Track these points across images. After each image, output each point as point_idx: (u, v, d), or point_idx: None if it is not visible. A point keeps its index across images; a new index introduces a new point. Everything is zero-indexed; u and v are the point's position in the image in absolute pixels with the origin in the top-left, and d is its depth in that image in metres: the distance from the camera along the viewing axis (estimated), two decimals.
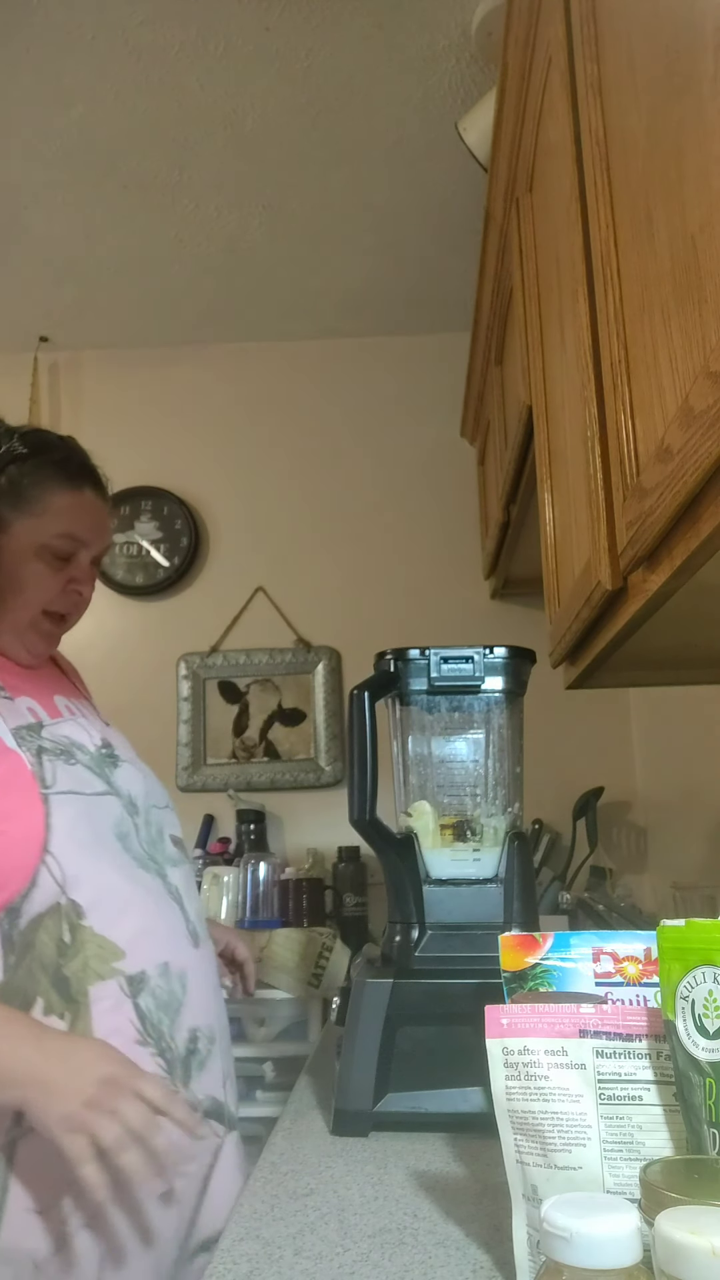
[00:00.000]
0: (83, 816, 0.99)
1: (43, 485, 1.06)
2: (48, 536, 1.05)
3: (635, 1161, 0.56)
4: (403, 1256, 0.66)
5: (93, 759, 1.05)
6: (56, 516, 1.05)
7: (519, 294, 1.52)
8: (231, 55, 1.78)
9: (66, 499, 1.07)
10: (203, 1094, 1.01)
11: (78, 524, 1.07)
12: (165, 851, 1.09)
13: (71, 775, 1.01)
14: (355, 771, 1.03)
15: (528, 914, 1.04)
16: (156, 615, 2.65)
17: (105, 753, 1.07)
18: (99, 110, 1.90)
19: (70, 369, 2.79)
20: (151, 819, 1.10)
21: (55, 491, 1.06)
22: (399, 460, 2.68)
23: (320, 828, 2.48)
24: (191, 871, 1.15)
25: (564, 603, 1.22)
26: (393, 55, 1.78)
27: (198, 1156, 0.97)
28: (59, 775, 0.99)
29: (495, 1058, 0.59)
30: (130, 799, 1.06)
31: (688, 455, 0.65)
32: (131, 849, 1.03)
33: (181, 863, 1.12)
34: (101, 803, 1.02)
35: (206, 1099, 1.02)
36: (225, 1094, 1.05)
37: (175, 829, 1.16)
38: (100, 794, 1.03)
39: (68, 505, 1.06)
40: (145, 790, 1.11)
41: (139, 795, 1.08)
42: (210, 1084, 1.03)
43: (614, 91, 0.87)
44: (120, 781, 1.06)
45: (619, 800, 2.41)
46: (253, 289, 2.53)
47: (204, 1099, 1.01)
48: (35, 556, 1.05)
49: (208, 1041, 1.04)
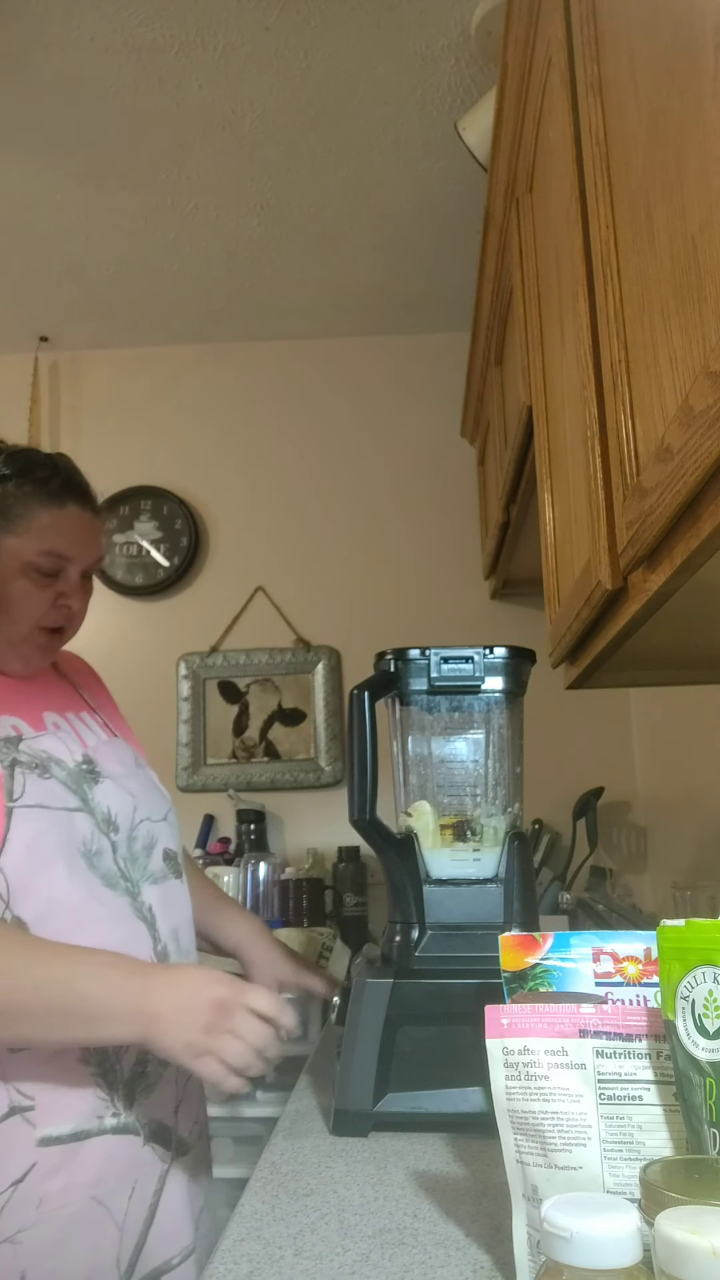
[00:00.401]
0: (46, 832, 0.98)
1: (25, 504, 1.07)
2: (32, 555, 1.06)
3: (635, 1161, 0.56)
4: (403, 1256, 0.66)
5: (69, 774, 1.04)
6: (39, 535, 1.06)
7: (519, 294, 1.52)
8: (231, 55, 1.78)
9: (48, 516, 1.07)
10: (146, 1117, 1.00)
11: (61, 540, 1.08)
12: (146, 868, 1.08)
13: (42, 789, 1.00)
14: (355, 771, 1.03)
15: (528, 914, 1.04)
16: (156, 615, 2.65)
17: (85, 769, 1.06)
18: (99, 110, 1.90)
19: (70, 369, 2.79)
20: (139, 834, 1.09)
21: (37, 510, 1.07)
22: (399, 460, 2.68)
23: (320, 828, 2.48)
24: (180, 886, 1.14)
25: (564, 603, 1.22)
26: (392, 55, 1.78)
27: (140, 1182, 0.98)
28: (28, 788, 0.99)
29: (495, 1058, 0.59)
30: (108, 816, 1.05)
31: (688, 455, 0.65)
32: (100, 866, 1.02)
33: (165, 878, 1.10)
34: (71, 818, 1.01)
35: (149, 1122, 1.01)
36: (175, 1120, 1.04)
37: (172, 841, 1.15)
38: (71, 809, 1.02)
39: (50, 523, 1.07)
40: (134, 806, 1.09)
41: (121, 811, 1.07)
42: (156, 1108, 1.02)
43: (614, 91, 0.87)
44: (99, 798, 1.05)
45: (619, 800, 2.41)
46: (252, 289, 2.54)
47: (146, 1122, 1.00)
48: (21, 574, 1.06)
49: (158, 1065, 1.02)
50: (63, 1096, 0.94)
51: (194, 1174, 1.07)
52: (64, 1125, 0.94)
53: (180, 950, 1.10)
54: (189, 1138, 1.07)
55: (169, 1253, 1.00)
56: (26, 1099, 0.93)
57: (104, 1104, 0.97)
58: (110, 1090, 0.98)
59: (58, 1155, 0.93)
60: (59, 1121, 0.93)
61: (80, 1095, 0.95)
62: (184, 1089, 1.08)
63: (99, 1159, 0.95)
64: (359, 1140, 0.92)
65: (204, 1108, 1.15)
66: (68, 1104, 0.94)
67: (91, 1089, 0.96)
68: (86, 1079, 0.96)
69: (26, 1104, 0.92)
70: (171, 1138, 1.03)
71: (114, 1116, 0.97)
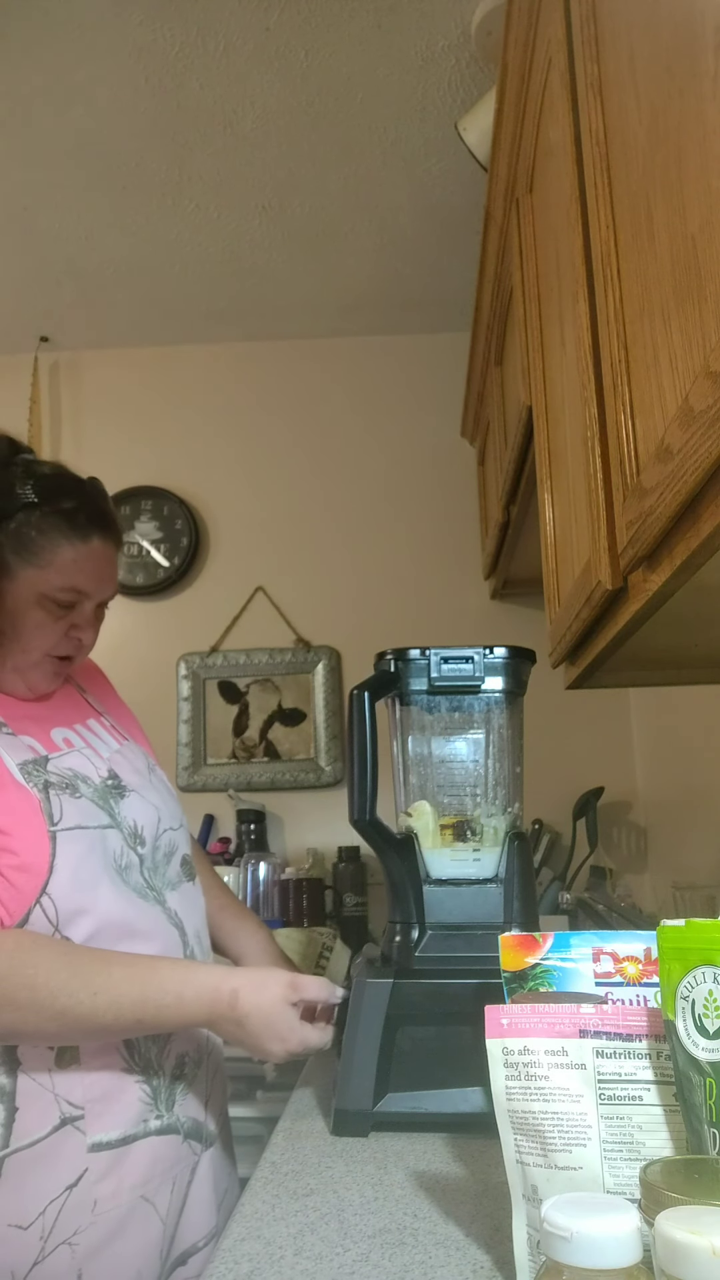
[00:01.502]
0: (87, 853, 0.99)
1: (48, 536, 1.05)
2: (50, 588, 1.05)
3: (635, 1161, 0.56)
4: (403, 1256, 0.66)
5: (97, 791, 1.04)
6: (60, 570, 1.05)
7: (519, 294, 1.52)
8: (231, 55, 1.78)
9: (71, 552, 1.05)
10: (185, 1116, 1.04)
11: (80, 576, 1.06)
12: (168, 876, 1.09)
13: (77, 809, 1.01)
14: (355, 771, 1.03)
15: (528, 914, 1.04)
16: (156, 615, 2.65)
17: (111, 784, 1.07)
18: (99, 110, 1.90)
19: (70, 369, 2.79)
20: (161, 843, 1.10)
21: (61, 544, 1.05)
22: (399, 460, 2.68)
23: (320, 828, 2.48)
24: (195, 888, 1.16)
25: (564, 603, 1.22)
26: (392, 55, 1.78)
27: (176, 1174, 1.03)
28: (65, 810, 0.99)
29: (495, 1058, 0.59)
30: (134, 829, 1.06)
31: (688, 455, 0.65)
32: (131, 880, 1.03)
33: (182, 883, 1.12)
34: (104, 836, 1.02)
35: (187, 1120, 1.04)
36: (205, 1114, 1.08)
37: (188, 846, 1.17)
38: (103, 827, 1.02)
39: (72, 559, 1.06)
40: (158, 817, 1.10)
41: (146, 824, 1.08)
42: (192, 1107, 1.06)
43: (614, 91, 0.87)
44: (125, 813, 1.06)
45: (619, 800, 2.41)
46: (252, 289, 2.54)
47: (185, 1120, 1.04)
48: (36, 605, 1.05)
49: (194, 1066, 1.07)
50: (110, 1104, 0.97)
51: (219, 1161, 1.10)
52: (113, 1131, 0.97)
53: (203, 951, 1.12)
54: (215, 1129, 1.11)
55: (195, 1236, 1.04)
56: (76, 1109, 0.95)
57: (148, 1108, 1.00)
58: (154, 1094, 1.01)
59: (108, 1160, 0.96)
60: (108, 1128, 0.96)
61: (126, 1102, 0.98)
62: (211, 1083, 1.11)
63: (146, 1160, 0.98)
64: (359, 1140, 0.92)
65: (225, 1098, 1.18)
66: (115, 1111, 0.97)
67: (136, 1095, 0.99)
68: (131, 1085, 0.99)
69: (76, 1114, 0.95)
70: (203, 1131, 1.07)
71: (157, 1119, 1.00)
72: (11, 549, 1.04)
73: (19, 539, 1.04)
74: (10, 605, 1.04)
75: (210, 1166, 1.07)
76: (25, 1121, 0.93)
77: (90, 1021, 0.91)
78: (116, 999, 0.91)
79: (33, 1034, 0.92)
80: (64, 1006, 0.90)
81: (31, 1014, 0.89)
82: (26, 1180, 0.92)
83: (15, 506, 1.04)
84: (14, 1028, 0.90)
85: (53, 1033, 0.92)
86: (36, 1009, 0.89)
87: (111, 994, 0.91)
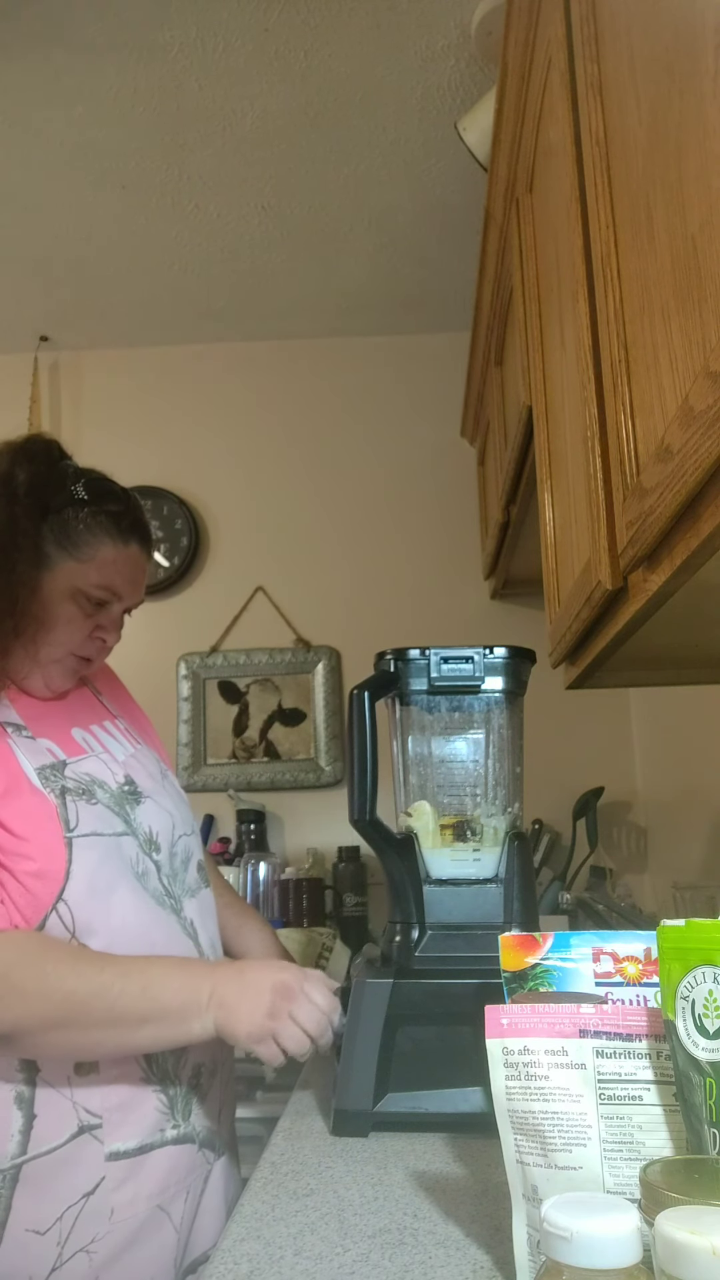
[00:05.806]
0: (103, 860, 0.99)
1: (93, 533, 1.07)
2: (87, 584, 1.06)
3: (635, 1161, 0.56)
4: (403, 1256, 0.66)
5: (114, 797, 1.04)
6: (100, 567, 1.07)
7: (519, 294, 1.52)
8: (231, 56, 1.78)
9: (113, 551, 1.08)
10: (200, 1125, 1.04)
11: (118, 578, 1.09)
12: (185, 883, 1.10)
13: (93, 815, 1.01)
14: (355, 771, 1.03)
15: (528, 914, 1.04)
16: (156, 615, 2.65)
17: (127, 790, 1.07)
18: (99, 110, 1.90)
19: (70, 369, 2.79)
20: (178, 850, 1.10)
21: (104, 542, 1.08)
22: (399, 460, 2.68)
23: (320, 828, 2.48)
24: (209, 894, 1.16)
25: (564, 603, 1.22)
26: (392, 55, 1.78)
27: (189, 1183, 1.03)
28: (81, 817, 0.99)
29: (495, 1058, 0.59)
30: (150, 836, 1.06)
31: (688, 455, 0.65)
32: (149, 886, 1.04)
33: (199, 890, 1.12)
34: (119, 843, 1.02)
35: (202, 1130, 1.04)
36: (219, 1123, 1.08)
37: (201, 851, 1.17)
38: (119, 834, 1.03)
39: (113, 558, 1.08)
40: (173, 824, 1.11)
41: (161, 830, 1.08)
42: (207, 1115, 1.06)
43: (614, 91, 0.87)
44: (141, 819, 1.06)
45: (619, 800, 2.41)
46: (252, 289, 2.54)
47: (200, 1130, 1.04)
48: (70, 598, 1.06)
49: (209, 1075, 1.07)
50: (128, 1113, 0.97)
51: (228, 1170, 1.10)
52: (130, 1140, 0.97)
53: (217, 957, 1.12)
54: (226, 1137, 1.11)
55: (206, 1245, 1.04)
56: (94, 1117, 0.96)
57: (165, 1117, 1.00)
58: (171, 1104, 1.01)
59: (125, 1168, 0.96)
60: (126, 1137, 0.97)
61: (144, 1111, 0.99)
62: (224, 1093, 1.12)
63: (162, 1169, 0.99)
64: (359, 1140, 0.92)
65: (234, 1107, 1.19)
66: (133, 1120, 0.98)
67: (153, 1104, 0.99)
68: (149, 1095, 0.99)
69: (94, 1122, 0.96)
70: (216, 1140, 1.07)
71: (174, 1128, 1.01)
72: (55, 541, 1.06)
73: (64, 531, 1.06)
74: (45, 596, 1.05)
75: (221, 1175, 1.08)
76: (43, 1129, 0.94)
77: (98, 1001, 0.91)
78: (124, 973, 0.93)
79: (38, 1028, 0.92)
80: (71, 988, 0.90)
81: (38, 1002, 0.90)
82: (45, 1187, 0.93)
83: (65, 501, 1.07)
84: (19, 1022, 0.91)
85: (57, 1020, 0.92)
86: (44, 997, 0.90)
87: (116, 969, 0.93)
